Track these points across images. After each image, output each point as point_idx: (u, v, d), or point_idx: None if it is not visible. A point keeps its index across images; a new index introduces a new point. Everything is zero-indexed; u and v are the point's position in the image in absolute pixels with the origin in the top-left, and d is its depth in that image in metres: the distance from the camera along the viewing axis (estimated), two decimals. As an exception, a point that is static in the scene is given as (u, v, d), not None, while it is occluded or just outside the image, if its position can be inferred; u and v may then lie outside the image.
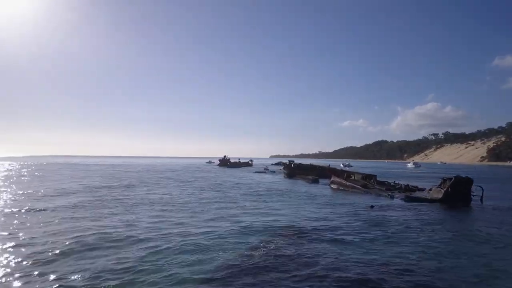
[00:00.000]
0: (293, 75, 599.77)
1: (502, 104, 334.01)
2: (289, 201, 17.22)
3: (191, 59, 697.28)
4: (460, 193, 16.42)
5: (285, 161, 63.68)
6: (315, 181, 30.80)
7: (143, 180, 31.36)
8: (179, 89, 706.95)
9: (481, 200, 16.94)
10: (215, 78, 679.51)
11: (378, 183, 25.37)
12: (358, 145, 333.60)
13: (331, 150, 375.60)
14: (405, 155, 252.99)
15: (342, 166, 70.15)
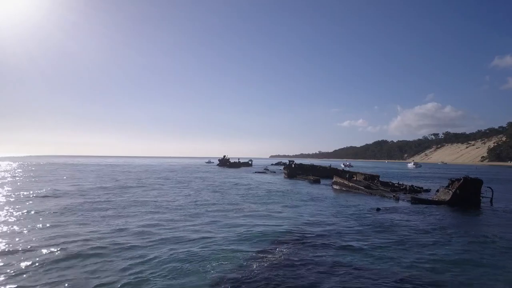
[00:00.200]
0: (293, 75, 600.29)
1: (501, 104, 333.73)
2: (290, 203, 16.37)
3: (191, 59, 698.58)
4: (469, 194, 15.67)
5: (285, 161, 62.89)
6: (317, 182, 30.01)
7: (140, 180, 30.53)
8: (179, 89, 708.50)
9: (491, 202, 16.22)
10: (215, 78, 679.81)
11: (382, 184, 24.59)
12: (357, 145, 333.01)
13: (331, 150, 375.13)
14: (405, 155, 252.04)
15: (343, 166, 69.33)
